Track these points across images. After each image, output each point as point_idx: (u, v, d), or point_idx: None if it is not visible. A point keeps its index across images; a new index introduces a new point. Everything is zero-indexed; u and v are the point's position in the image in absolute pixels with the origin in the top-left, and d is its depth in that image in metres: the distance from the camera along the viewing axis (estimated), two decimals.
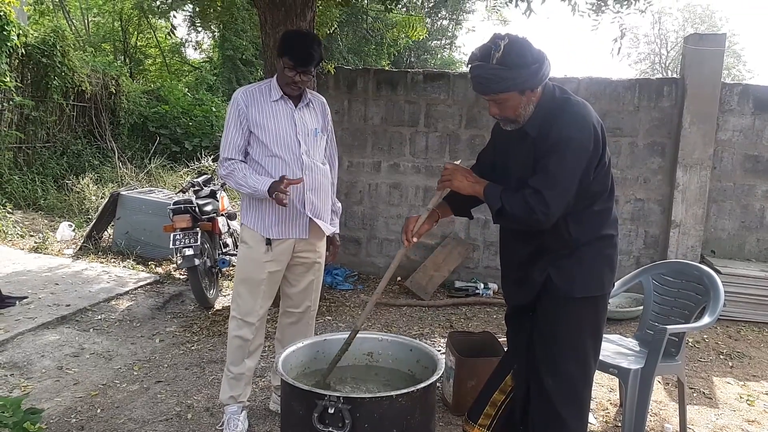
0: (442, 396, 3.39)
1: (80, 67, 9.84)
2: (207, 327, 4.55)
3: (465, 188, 2.25)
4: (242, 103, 2.84)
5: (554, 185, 2.08)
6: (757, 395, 3.72)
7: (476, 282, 5.77)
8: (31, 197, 8.30)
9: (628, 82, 5.67)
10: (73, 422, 3.06)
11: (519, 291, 2.35)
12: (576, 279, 2.22)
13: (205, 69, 15.60)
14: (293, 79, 2.78)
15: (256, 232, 2.90)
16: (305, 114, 2.93)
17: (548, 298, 2.25)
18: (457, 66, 19.09)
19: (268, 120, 2.84)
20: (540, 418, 2.30)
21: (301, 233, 2.93)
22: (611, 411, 3.41)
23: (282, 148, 2.83)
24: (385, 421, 2.16)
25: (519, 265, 2.33)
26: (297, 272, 3.04)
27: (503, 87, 2.08)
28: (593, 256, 2.24)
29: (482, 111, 5.81)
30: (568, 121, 2.11)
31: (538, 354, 2.29)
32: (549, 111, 2.17)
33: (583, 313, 2.24)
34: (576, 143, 2.09)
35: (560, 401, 2.23)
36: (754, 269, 5.14)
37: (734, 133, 5.52)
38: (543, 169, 2.11)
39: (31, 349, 3.91)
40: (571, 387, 2.25)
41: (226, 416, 3.00)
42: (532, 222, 2.10)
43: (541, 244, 2.26)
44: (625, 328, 4.77)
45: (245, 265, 2.97)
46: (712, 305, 2.93)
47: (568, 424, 2.24)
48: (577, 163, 2.10)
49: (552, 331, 2.26)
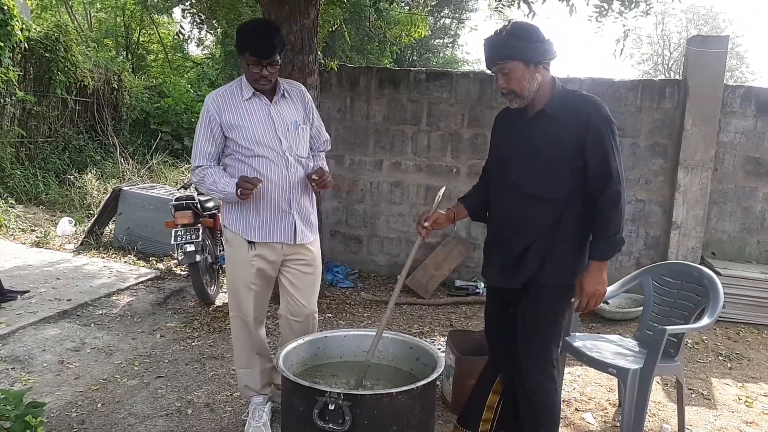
0: (442, 394, 3.40)
1: (83, 62, 9.84)
2: (207, 323, 4.57)
3: (605, 284, 2.36)
4: (213, 108, 2.74)
5: (616, 172, 2.28)
6: (756, 397, 3.73)
7: (477, 281, 5.77)
8: (33, 192, 8.31)
9: (631, 83, 5.68)
10: (73, 416, 3.07)
11: (510, 277, 2.44)
12: (567, 267, 2.38)
13: (207, 65, 15.60)
14: (260, 74, 2.68)
15: (237, 234, 2.82)
16: (282, 107, 2.82)
17: (536, 285, 2.39)
18: (460, 65, 19.07)
19: (243, 120, 2.74)
20: (524, 401, 2.47)
21: (287, 238, 2.83)
22: (610, 411, 3.42)
23: (263, 148, 2.74)
24: (385, 417, 2.17)
25: (513, 253, 2.42)
26: (292, 273, 2.92)
27: (509, 53, 2.25)
28: (581, 247, 2.39)
29: (485, 110, 5.82)
30: (596, 102, 2.31)
31: (520, 334, 2.42)
32: (567, 95, 2.35)
33: (565, 298, 2.42)
34: (613, 123, 2.30)
35: (538, 371, 2.42)
36: (754, 271, 5.14)
37: (736, 135, 5.52)
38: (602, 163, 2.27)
39: (32, 343, 3.92)
40: (547, 359, 2.43)
41: (251, 407, 2.99)
42: (623, 200, 2.30)
43: (540, 236, 2.37)
44: (625, 328, 4.78)
45: (232, 266, 2.92)
46: (712, 306, 2.94)
47: (545, 388, 2.42)
48: (617, 140, 2.31)
49: (538, 314, 2.40)
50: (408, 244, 6.10)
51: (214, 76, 14.36)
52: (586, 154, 2.26)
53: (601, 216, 2.29)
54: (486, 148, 2.71)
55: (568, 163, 2.30)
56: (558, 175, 2.32)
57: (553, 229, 2.35)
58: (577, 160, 2.29)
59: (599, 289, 2.34)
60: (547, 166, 2.33)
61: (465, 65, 20.03)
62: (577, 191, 2.32)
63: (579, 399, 3.56)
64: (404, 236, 6.12)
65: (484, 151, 2.51)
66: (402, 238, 6.13)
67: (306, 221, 2.90)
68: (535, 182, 2.35)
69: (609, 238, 2.30)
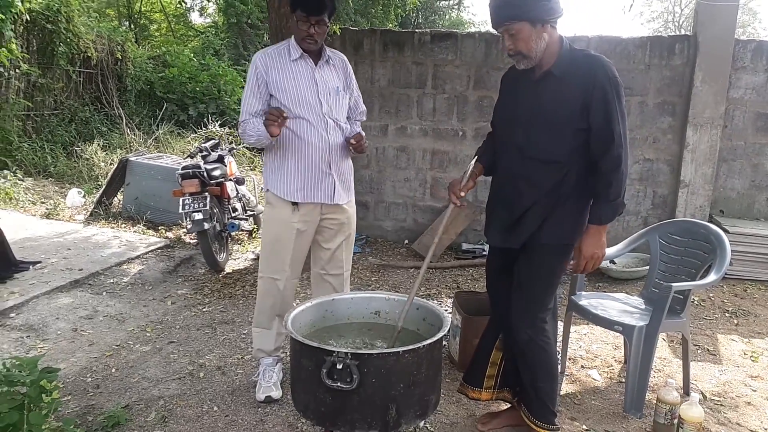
0: (449, 353, 3.45)
1: (85, 33, 9.78)
2: (218, 290, 4.62)
3: (603, 247, 2.38)
4: (261, 66, 2.82)
5: (618, 136, 2.26)
6: (762, 351, 3.75)
7: (483, 244, 5.79)
8: (41, 164, 8.35)
9: (639, 40, 5.57)
10: (88, 381, 3.15)
11: (509, 237, 2.47)
12: (566, 228, 2.38)
13: (210, 33, 15.44)
14: (308, 32, 2.76)
15: (280, 197, 2.90)
16: (326, 72, 2.91)
17: (535, 244, 2.41)
18: (466, 26, 18.76)
19: (288, 81, 2.82)
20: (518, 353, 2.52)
21: (327, 198, 2.92)
22: (616, 368, 3.46)
23: (304, 109, 2.82)
24: (392, 376, 2.20)
25: (515, 214, 2.43)
26: (327, 235, 3.03)
27: (515, 14, 2.22)
28: (581, 208, 2.39)
29: (490, 71, 5.74)
30: (604, 62, 2.26)
31: (515, 290, 2.46)
32: (575, 55, 2.31)
33: (561, 258, 2.43)
34: (620, 85, 2.27)
35: (529, 325, 2.45)
36: (763, 228, 5.11)
37: (747, 90, 5.43)
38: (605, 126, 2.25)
39: (45, 312, 3.99)
40: (539, 315, 2.45)
41: (262, 367, 3.06)
42: (625, 164, 2.28)
43: (542, 198, 2.38)
44: (631, 287, 4.79)
45: (272, 226, 2.97)
46: (719, 263, 2.94)
47: (538, 341, 2.46)
48: (623, 102, 2.28)
49: (534, 272, 2.43)
50: (414, 209, 6.11)
51: (218, 45, 14.23)
52: (590, 115, 2.24)
53: (602, 179, 2.28)
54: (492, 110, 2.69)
55: (572, 124, 2.28)
56: (561, 138, 2.31)
57: (555, 190, 2.35)
58: (581, 122, 2.27)
59: (597, 252, 2.35)
60: (551, 129, 2.31)
61: (471, 27, 19.71)
62: (579, 153, 2.31)
63: (585, 356, 3.60)
64: (410, 201, 6.12)
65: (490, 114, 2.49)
66: (408, 203, 6.13)
67: (344, 182, 2.98)
68: (538, 145, 2.34)
69: (610, 202, 2.29)
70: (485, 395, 2.73)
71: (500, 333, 2.64)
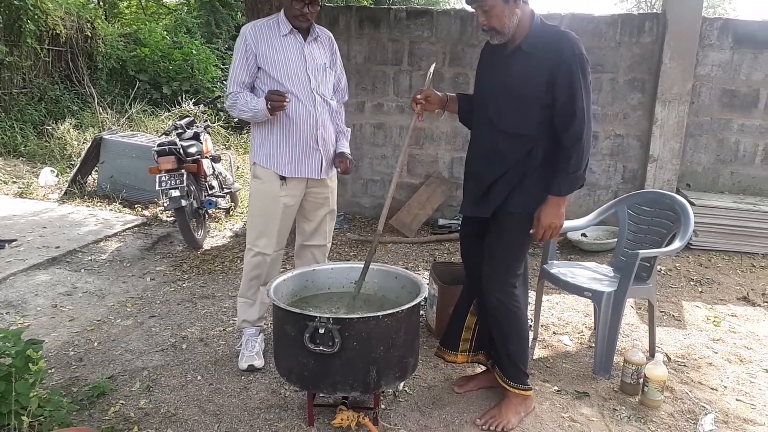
0: (426, 322, 3.55)
1: (53, 9, 9.54)
2: (197, 266, 4.66)
3: (561, 218, 2.46)
4: (251, 38, 2.84)
5: (581, 111, 2.33)
6: (723, 317, 3.94)
7: (459, 219, 5.88)
8: (11, 144, 8.20)
9: (611, 17, 5.67)
10: (71, 354, 3.18)
11: (480, 207, 2.56)
12: (533, 198, 2.47)
13: (182, 11, 15.16)
14: (301, 11, 2.80)
15: (269, 170, 2.94)
16: (314, 49, 2.95)
17: (503, 213, 2.50)
18: (441, 4, 18.71)
19: (277, 54, 2.85)
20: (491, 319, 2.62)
21: (314, 173, 2.98)
22: (586, 334, 3.60)
23: (293, 84, 2.86)
24: (372, 339, 2.29)
25: (484, 184, 2.53)
26: (310, 208, 3.10)
27: None
28: (546, 177, 2.45)
29: (466, 49, 5.80)
30: (571, 39, 2.32)
31: (485, 257, 2.55)
32: (545, 30, 2.38)
33: (528, 226, 2.51)
34: (586, 61, 2.33)
35: (498, 290, 2.55)
36: (726, 200, 5.30)
37: (713, 67, 5.58)
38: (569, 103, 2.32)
39: (24, 289, 3.99)
40: (508, 280, 2.55)
41: (244, 338, 3.13)
42: (586, 139, 2.36)
43: (510, 169, 2.47)
44: (602, 259, 4.94)
45: (259, 200, 3.01)
46: (683, 231, 3.08)
47: (508, 305, 2.56)
48: (588, 79, 2.35)
49: (503, 239, 2.52)
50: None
51: (191, 23, 14.00)
52: (555, 91, 2.32)
53: (563, 152, 2.37)
54: (468, 87, 2.78)
55: (539, 100, 2.36)
56: (529, 112, 2.39)
57: (523, 163, 2.45)
58: (546, 97, 2.35)
59: (555, 222, 2.44)
60: (519, 103, 2.40)
61: (446, 4, 19.65)
62: (546, 127, 2.40)
63: (557, 323, 3.74)
64: (388, 178, 6.18)
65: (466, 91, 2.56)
66: (386, 180, 6.20)
67: (328, 158, 3.05)
68: (507, 118, 2.43)
69: (569, 174, 2.37)
70: (461, 358, 2.84)
71: (474, 298, 2.74)
